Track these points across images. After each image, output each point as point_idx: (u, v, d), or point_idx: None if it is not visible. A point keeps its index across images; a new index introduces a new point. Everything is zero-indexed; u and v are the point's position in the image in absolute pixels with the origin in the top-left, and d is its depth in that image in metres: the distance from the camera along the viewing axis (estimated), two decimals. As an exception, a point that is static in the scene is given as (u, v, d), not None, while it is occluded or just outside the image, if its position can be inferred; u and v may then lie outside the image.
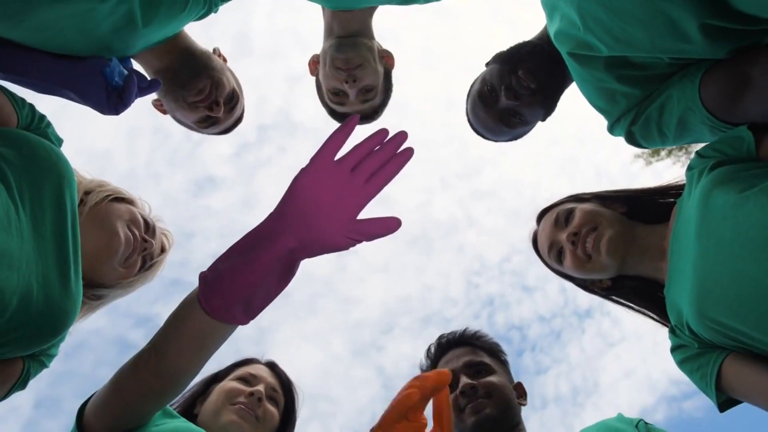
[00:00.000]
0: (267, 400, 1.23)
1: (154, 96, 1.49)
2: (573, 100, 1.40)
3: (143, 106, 1.44)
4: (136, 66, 1.32)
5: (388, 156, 0.70)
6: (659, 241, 1.15)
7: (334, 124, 1.71)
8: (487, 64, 1.52)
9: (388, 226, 0.69)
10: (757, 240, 0.87)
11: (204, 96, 1.37)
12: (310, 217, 0.67)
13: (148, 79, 1.26)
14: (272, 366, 1.37)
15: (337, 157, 0.70)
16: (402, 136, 0.71)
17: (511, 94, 1.38)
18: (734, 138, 1.01)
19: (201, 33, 1.42)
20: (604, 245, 1.16)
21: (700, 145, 1.13)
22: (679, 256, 1.05)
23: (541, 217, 1.38)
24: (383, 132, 0.71)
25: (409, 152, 0.71)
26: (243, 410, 1.16)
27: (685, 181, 1.13)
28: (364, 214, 0.74)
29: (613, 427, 1.08)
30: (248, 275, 0.68)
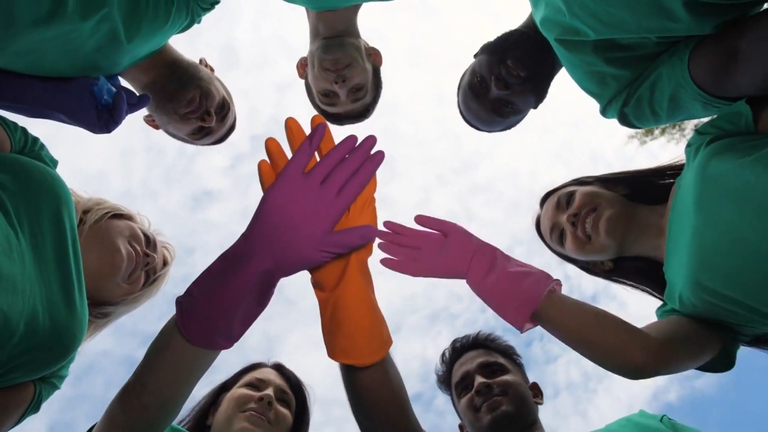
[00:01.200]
0: (277, 402, 1.23)
1: (145, 113, 1.49)
2: (563, 86, 1.41)
3: (135, 124, 1.44)
4: (124, 83, 1.32)
5: (358, 164, 0.67)
6: (658, 220, 1.15)
7: (335, 130, 1.71)
8: (475, 56, 1.52)
9: (362, 234, 0.67)
10: (756, 207, 0.87)
11: (195, 107, 1.37)
12: (281, 236, 0.65)
13: (137, 95, 1.26)
14: (279, 368, 1.37)
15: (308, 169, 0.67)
16: (370, 141, 0.69)
17: (502, 84, 1.38)
18: (733, 114, 1.01)
19: (187, 47, 1.42)
20: (603, 225, 1.16)
21: (694, 122, 1.14)
22: (678, 230, 1.05)
23: (544, 201, 1.39)
24: (351, 139, 0.68)
25: (380, 156, 0.68)
26: (254, 416, 1.16)
27: (684, 159, 1.13)
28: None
29: (637, 422, 1.08)
30: (224, 300, 0.66)
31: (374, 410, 0.79)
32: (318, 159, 0.70)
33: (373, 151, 0.69)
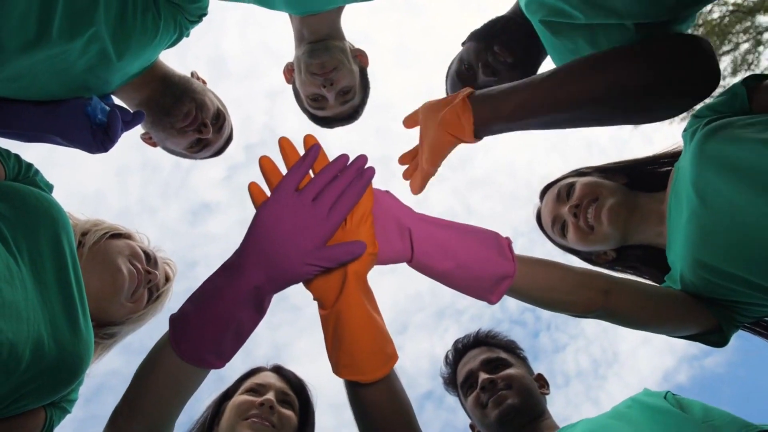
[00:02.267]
0: (280, 404, 1.22)
1: (141, 131, 1.49)
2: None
3: (129, 142, 1.44)
4: (118, 102, 1.32)
5: (349, 181, 0.69)
6: (658, 206, 1.16)
7: (321, 132, 1.71)
8: (463, 44, 1.52)
9: (349, 250, 0.67)
10: (754, 185, 0.87)
11: (191, 119, 1.37)
12: (272, 252, 0.65)
13: (131, 112, 1.26)
14: (278, 370, 1.36)
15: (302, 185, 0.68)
16: (362, 159, 0.70)
17: (489, 71, 1.38)
18: (729, 96, 1.02)
19: (176, 61, 1.42)
20: (606, 214, 1.16)
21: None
22: (677, 212, 1.06)
23: (543, 193, 1.39)
24: (343, 158, 0.70)
25: (370, 172, 0.70)
26: (256, 423, 1.15)
27: (681, 145, 1.13)
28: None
29: (642, 401, 1.08)
30: (216, 316, 0.67)
31: (379, 426, 0.78)
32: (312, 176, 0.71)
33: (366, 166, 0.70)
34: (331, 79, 1.47)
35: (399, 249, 0.77)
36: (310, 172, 0.72)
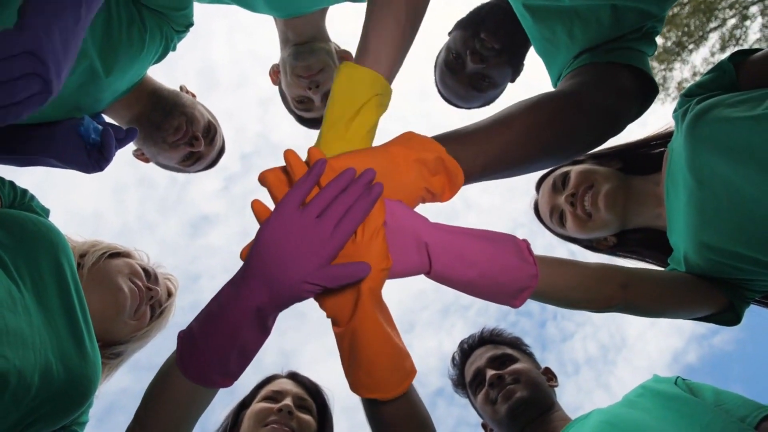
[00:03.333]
0: (298, 409, 1.23)
1: (134, 148, 1.49)
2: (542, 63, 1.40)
3: (123, 160, 1.44)
4: (109, 120, 1.32)
5: (355, 198, 0.65)
6: (655, 188, 1.15)
7: (310, 133, 1.70)
8: (449, 33, 1.52)
9: (353, 273, 0.64)
10: (750, 162, 0.87)
11: (182, 133, 1.38)
12: (275, 271, 0.63)
13: (124, 129, 1.26)
14: (294, 376, 1.37)
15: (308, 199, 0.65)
16: (369, 174, 0.67)
17: (477, 58, 1.38)
18: (718, 73, 1.02)
19: (165, 76, 1.42)
20: (602, 200, 1.17)
21: (677, 80, 1.13)
22: (674, 194, 1.05)
23: (539, 184, 1.39)
24: (350, 172, 0.67)
25: (378, 188, 0.66)
26: (276, 429, 1.16)
27: (673, 125, 1.13)
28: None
29: (652, 388, 1.08)
30: (221, 336, 0.66)
31: None
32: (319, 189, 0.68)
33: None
34: (316, 81, 1.47)
35: (416, 262, 0.74)
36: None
